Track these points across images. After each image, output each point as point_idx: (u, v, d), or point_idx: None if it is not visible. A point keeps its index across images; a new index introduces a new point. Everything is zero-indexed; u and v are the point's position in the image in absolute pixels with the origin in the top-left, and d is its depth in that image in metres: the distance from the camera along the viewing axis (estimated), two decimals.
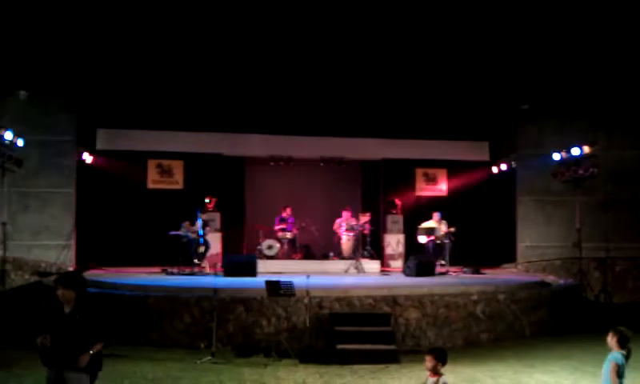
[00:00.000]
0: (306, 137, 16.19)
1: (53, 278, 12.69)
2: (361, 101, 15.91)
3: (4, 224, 13.03)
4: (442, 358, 5.43)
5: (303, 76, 15.46)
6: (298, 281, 9.84)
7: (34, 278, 13.55)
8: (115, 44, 14.57)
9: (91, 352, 5.03)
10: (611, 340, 5.50)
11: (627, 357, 5.44)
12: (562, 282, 13.19)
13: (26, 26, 14.03)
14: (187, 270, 13.31)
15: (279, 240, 14.93)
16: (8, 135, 12.32)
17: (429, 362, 5.41)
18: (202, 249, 13.57)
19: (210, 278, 12.25)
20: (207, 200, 14.67)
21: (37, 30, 14.10)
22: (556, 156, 14.64)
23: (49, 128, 14.59)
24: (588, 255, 14.86)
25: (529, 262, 15.90)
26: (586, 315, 12.03)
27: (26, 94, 14.52)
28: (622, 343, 5.45)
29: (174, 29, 14.59)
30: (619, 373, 5.36)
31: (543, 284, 12.75)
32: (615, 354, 5.43)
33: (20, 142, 12.73)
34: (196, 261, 13.55)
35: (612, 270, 15.18)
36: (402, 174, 16.91)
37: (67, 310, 5.11)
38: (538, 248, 15.97)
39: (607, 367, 5.41)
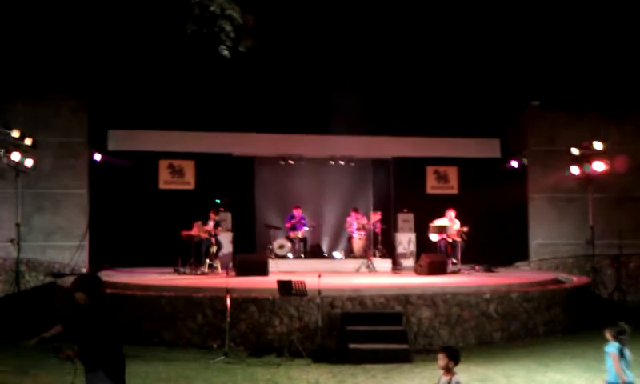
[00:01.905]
0: (316, 135, 16.21)
1: (66, 278, 12.80)
2: (371, 99, 15.89)
3: (18, 225, 13.13)
4: (454, 356, 5.42)
5: (312, 74, 15.46)
6: (310, 280, 9.84)
7: (49, 279, 13.65)
8: (126, 46, 14.66)
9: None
10: (608, 334, 5.86)
11: (621, 345, 5.77)
12: (575, 279, 13.10)
13: (38, 28, 14.14)
14: (199, 270, 13.35)
15: (290, 239, 14.95)
16: (17, 134, 12.41)
17: (441, 360, 5.41)
18: (213, 248, 13.61)
19: (222, 278, 12.28)
20: (218, 201, 14.70)
21: (49, 32, 14.20)
22: (569, 152, 14.54)
23: (61, 130, 14.72)
24: (601, 252, 14.77)
25: (541, 259, 15.80)
26: (600, 313, 11.94)
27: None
28: (617, 336, 5.81)
29: (184, 30, 14.62)
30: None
31: (556, 282, 12.67)
32: (610, 346, 5.79)
33: (28, 141, 12.79)
34: (208, 261, 13.59)
35: (626, 267, 15.08)
36: (413, 172, 16.88)
37: (85, 311, 5.16)
38: (551, 245, 15.88)
39: (609, 361, 5.80)
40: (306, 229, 15.12)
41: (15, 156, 12.45)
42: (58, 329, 5.29)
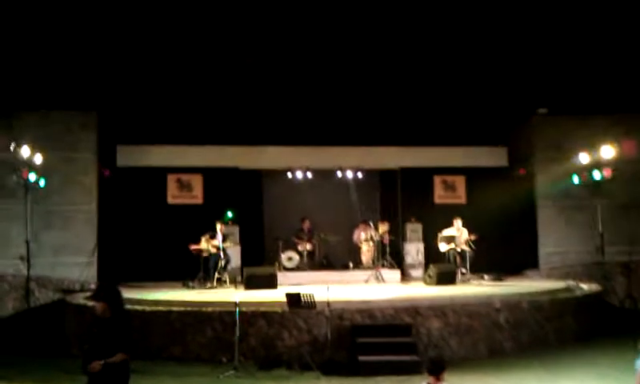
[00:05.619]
0: (323, 147, 16.20)
1: (76, 295, 12.83)
2: (378, 109, 15.90)
3: (27, 242, 13.17)
4: (431, 370, 5.50)
5: (319, 86, 15.50)
6: (319, 292, 9.82)
7: (58, 296, 13.66)
8: (134, 62, 14.77)
9: (103, 362, 4.91)
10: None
11: None
12: (586, 287, 12.99)
13: (47, 45, 14.28)
14: (208, 284, 13.36)
15: (299, 252, 14.95)
16: (26, 151, 12.50)
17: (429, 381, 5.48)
18: (222, 262, 13.62)
19: (230, 292, 12.28)
20: (230, 215, 14.71)
21: (58, 49, 14.34)
22: (576, 159, 14.49)
23: (70, 146, 14.79)
24: (611, 260, 14.63)
25: (551, 268, 15.68)
26: (612, 321, 11.85)
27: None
28: None
29: (191, 46, 14.75)
30: None
31: (567, 290, 12.57)
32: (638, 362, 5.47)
33: (38, 159, 12.88)
34: (216, 275, 13.59)
35: (636, 274, 14.91)
36: (421, 182, 16.82)
37: (104, 324, 5.12)
38: (561, 253, 15.75)
39: None
40: (314, 241, 15.11)
41: (26, 174, 12.52)
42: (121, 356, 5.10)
